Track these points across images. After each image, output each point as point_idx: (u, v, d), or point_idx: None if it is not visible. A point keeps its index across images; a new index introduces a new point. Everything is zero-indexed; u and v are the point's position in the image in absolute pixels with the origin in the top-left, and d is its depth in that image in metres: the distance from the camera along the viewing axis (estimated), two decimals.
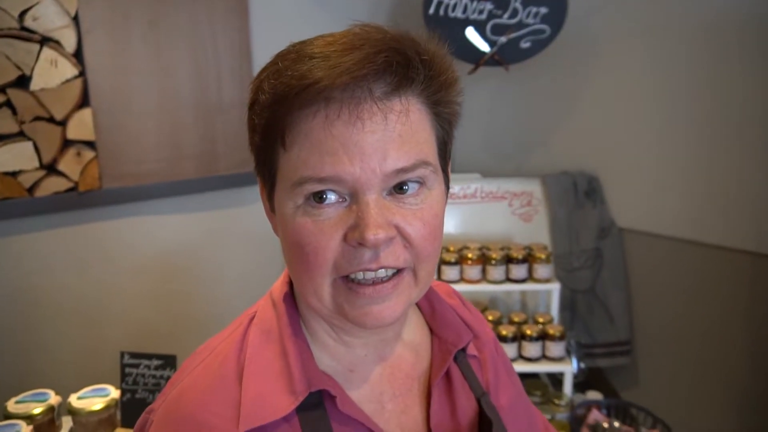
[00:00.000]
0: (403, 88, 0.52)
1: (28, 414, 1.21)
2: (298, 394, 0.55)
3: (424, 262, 0.55)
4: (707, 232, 1.86)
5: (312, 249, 0.52)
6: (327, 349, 0.61)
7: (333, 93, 0.49)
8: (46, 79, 1.49)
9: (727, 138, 1.79)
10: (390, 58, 0.50)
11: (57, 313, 1.60)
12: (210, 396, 0.55)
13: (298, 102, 0.50)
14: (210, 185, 1.83)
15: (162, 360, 1.20)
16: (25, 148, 1.49)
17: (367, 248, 0.51)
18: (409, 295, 0.56)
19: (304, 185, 0.51)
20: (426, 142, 0.54)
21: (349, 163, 0.50)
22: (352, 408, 0.57)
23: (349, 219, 0.51)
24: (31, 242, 1.55)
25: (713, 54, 1.78)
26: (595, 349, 2.08)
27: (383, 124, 0.50)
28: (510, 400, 0.70)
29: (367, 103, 0.50)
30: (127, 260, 1.71)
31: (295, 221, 0.53)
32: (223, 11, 1.77)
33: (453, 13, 1.90)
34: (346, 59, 0.49)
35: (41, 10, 1.47)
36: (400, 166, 0.51)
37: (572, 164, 2.15)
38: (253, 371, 0.57)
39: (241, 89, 1.83)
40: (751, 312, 1.79)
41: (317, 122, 0.50)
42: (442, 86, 0.55)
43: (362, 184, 0.51)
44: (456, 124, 0.59)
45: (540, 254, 1.79)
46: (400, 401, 0.62)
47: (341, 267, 0.53)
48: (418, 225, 0.53)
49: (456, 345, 0.65)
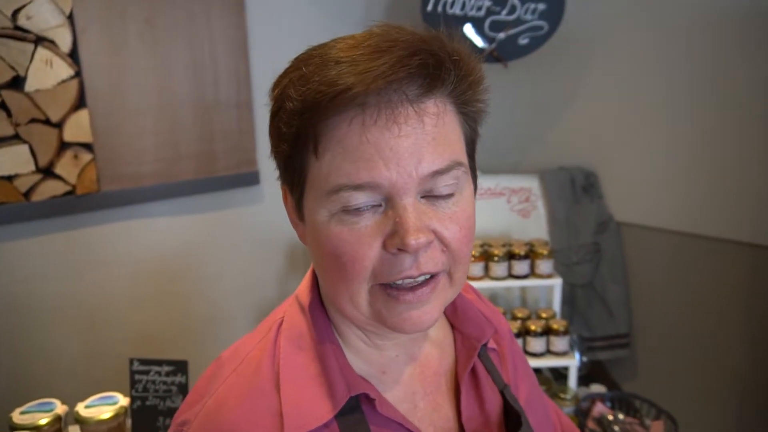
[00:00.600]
0: (435, 89, 0.51)
1: (34, 425, 1.18)
2: (338, 400, 0.55)
3: (460, 264, 0.55)
4: (704, 224, 1.89)
5: (350, 258, 0.51)
6: (359, 353, 0.61)
7: (368, 98, 0.48)
8: (41, 79, 1.45)
9: (723, 131, 1.82)
10: (424, 60, 0.49)
11: (57, 319, 1.56)
12: (249, 406, 0.54)
13: (332, 109, 0.49)
14: (209, 186, 1.80)
15: (173, 366, 1.17)
16: (21, 151, 1.45)
17: (407, 254, 0.51)
18: (445, 297, 0.56)
19: (340, 193, 0.50)
20: (457, 142, 0.54)
21: (385, 168, 0.49)
22: (390, 409, 0.57)
23: (386, 226, 0.51)
24: (29, 248, 1.51)
25: (710, 49, 1.80)
26: (595, 342, 2.10)
27: (419, 127, 0.50)
28: (528, 391, 0.71)
29: (403, 106, 0.49)
30: (127, 263, 1.68)
31: (330, 230, 0.52)
32: (219, 8, 1.74)
33: (451, 9, 1.90)
34: (377, 63, 0.48)
35: (35, 9, 1.42)
36: (436, 168, 0.51)
37: (570, 160, 2.16)
38: (289, 378, 0.56)
39: (239, 88, 1.81)
40: (748, 302, 1.83)
41: (352, 128, 0.49)
42: (471, 85, 0.54)
43: (399, 188, 0.50)
44: (481, 122, 0.59)
45: (542, 250, 1.80)
46: (431, 399, 0.63)
47: (381, 275, 0.52)
48: (455, 228, 0.53)
49: (479, 340, 0.66)
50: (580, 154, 2.16)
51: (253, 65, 1.83)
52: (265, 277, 2.00)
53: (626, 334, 2.09)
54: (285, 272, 2.04)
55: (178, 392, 1.17)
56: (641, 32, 1.94)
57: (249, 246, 1.94)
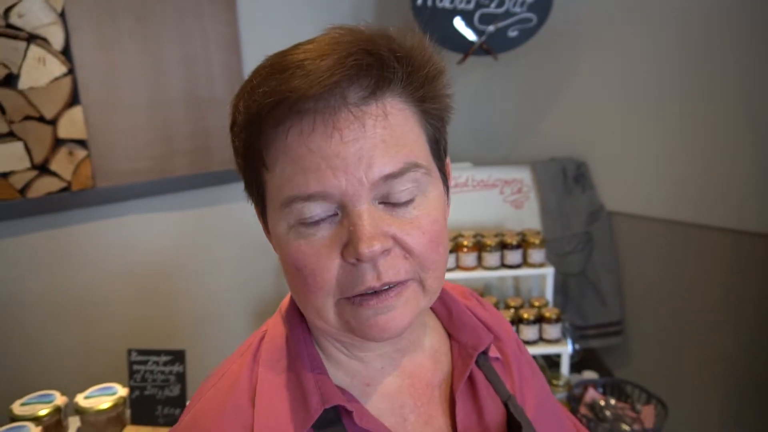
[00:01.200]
0: (380, 90, 0.49)
1: (34, 416, 1.20)
2: (312, 413, 0.53)
3: (430, 271, 0.53)
4: (693, 212, 1.92)
5: (310, 272, 0.50)
6: (340, 365, 0.59)
7: (306, 105, 0.47)
8: (34, 77, 1.47)
9: (710, 121, 1.84)
10: (360, 60, 0.47)
11: (54, 314, 1.58)
12: (224, 421, 0.54)
13: (272, 119, 0.49)
14: (203, 182, 1.82)
15: (171, 355, 1.19)
16: (16, 148, 1.47)
17: (365, 264, 0.49)
18: (417, 305, 0.53)
19: (293, 204, 0.50)
20: (415, 143, 0.51)
21: (333, 177, 0.48)
22: (370, 422, 0.55)
23: (343, 235, 0.49)
24: (26, 244, 1.52)
25: (698, 39, 1.83)
26: (588, 330, 2.13)
27: (362, 131, 0.48)
28: (537, 401, 0.67)
29: (343, 111, 0.48)
30: (123, 259, 1.70)
31: (290, 243, 0.51)
32: (210, 5, 1.76)
33: (441, 3, 1.91)
34: (318, 67, 0.47)
35: (27, 7, 1.44)
36: (387, 171, 0.49)
37: (561, 151, 2.19)
38: (265, 391, 0.55)
39: (231, 83, 1.82)
40: (736, 289, 1.86)
41: (293, 138, 0.48)
42: (425, 81, 0.52)
43: (350, 196, 0.48)
44: (448, 119, 0.57)
45: (533, 239, 1.82)
46: (423, 411, 0.60)
47: (345, 288, 0.51)
48: (417, 233, 0.51)
49: (476, 348, 0.63)
50: (571, 145, 2.18)
51: (245, 61, 1.85)
52: (260, 271, 2.02)
53: (618, 321, 2.12)
54: (279, 267, 2.05)
55: (176, 381, 1.20)
56: (629, 23, 1.96)
57: (244, 241, 1.96)
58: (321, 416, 0.53)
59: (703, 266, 1.92)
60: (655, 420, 1.65)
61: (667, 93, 1.92)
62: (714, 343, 1.92)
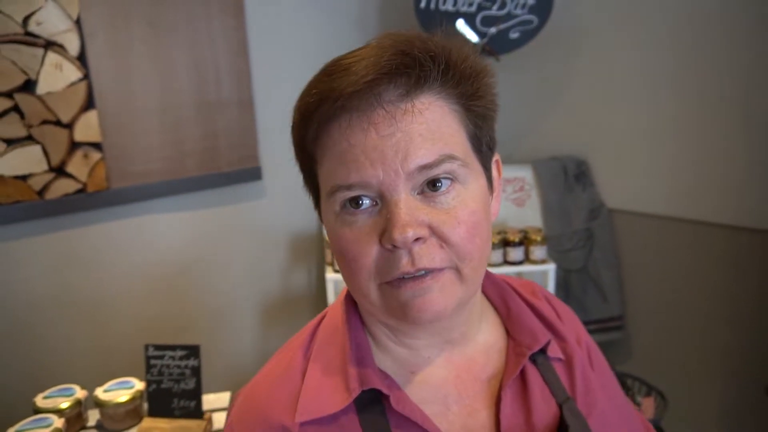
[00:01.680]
0: (415, 88, 0.52)
1: (56, 408, 1.25)
2: (352, 391, 0.57)
3: (467, 260, 0.54)
4: (691, 209, 1.96)
5: (352, 257, 0.54)
6: (388, 351, 0.62)
7: (344, 102, 0.51)
8: (51, 83, 1.52)
9: (705, 119, 1.88)
10: (394, 60, 0.51)
11: (72, 312, 1.64)
12: (276, 387, 0.60)
13: (317, 117, 0.53)
14: (213, 182, 1.87)
15: (186, 350, 1.24)
16: (34, 151, 1.52)
17: (401, 250, 0.52)
18: (455, 292, 0.55)
19: (336, 194, 0.54)
20: (451, 137, 0.54)
21: (371, 168, 0.51)
22: (407, 407, 0.57)
23: (381, 223, 0.53)
24: (44, 244, 1.58)
25: (694, 39, 1.86)
26: (590, 325, 2.17)
27: (397, 126, 0.51)
28: (605, 409, 0.65)
29: (378, 108, 0.51)
30: (137, 258, 1.75)
31: (336, 231, 0.55)
32: (219, 10, 1.80)
33: (444, 5, 1.96)
34: (357, 68, 0.51)
35: (44, 15, 1.49)
36: (422, 162, 0.51)
37: (562, 149, 2.23)
38: (315, 367, 0.60)
39: (240, 86, 1.87)
40: (732, 282, 1.90)
41: (336, 133, 0.53)
42: (461, 79, 0.54)
43: (387, 185, 0.52)
44: (493, 117, 0.59)
45: (535, 237, 1.87)
46: (467, 404, 0.61)
47: (383, 272, 0.54)
48: (453, 223, 0.53)
49: (530, 347, 0.63)
50: (572, 144, 2.22)
51: (253, 64, 1.90)
52: (270, 268, 2.07)
53: (620, 316, 2.16)
54: (288, 264, 2.11)
55: (191, 375, 1.24)
56: (627, 24, 2.00)
57: (253, 239, 2.01)
58: (363, 397, 0.57)
59: (702, 261, 1.96)
60: (655, 411, 1.70)
61: (665, 93, 1.96)
62: (712, 336, 1.97)
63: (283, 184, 2.03)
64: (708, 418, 2.01)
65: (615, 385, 0.72)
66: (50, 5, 1.49)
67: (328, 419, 0.57)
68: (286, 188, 2.03)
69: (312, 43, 2.02)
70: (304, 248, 2.13)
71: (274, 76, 1.95)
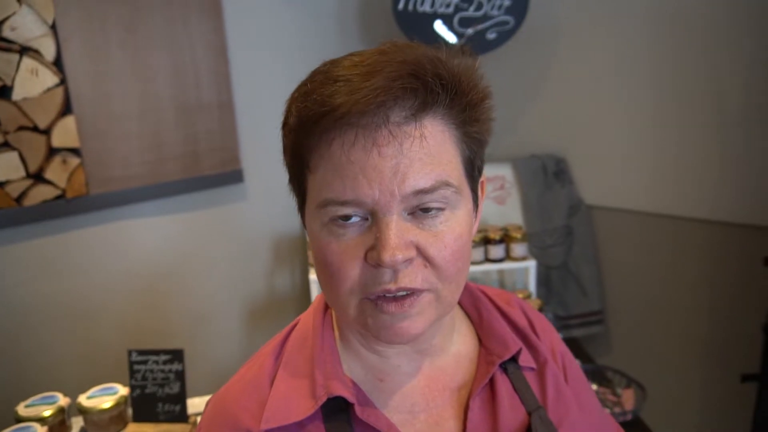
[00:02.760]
0: (422, 112, 0.52)
1: (39, 417, 1.24)
2: (318, 399, 0.57)
3: (447, 282, 0.55)
4: (666, 204, 2.01)
5: (336, 268, 0.54)
6: (359, 357, 0.63)
7: (351, 119, 0.51)
8: (27, 88, 1.50)
9: (682, 116, 1.93)
10: (406, 84, 0.50)
11: (53, 319, 1.62)
12: (244, 393, 0.61)
13: (319, 128, 0.52)
14: (194, 186, 1.87)
15: (170, 355, 1.25)
16: (11, 158, 1.50)
17: (386, 269, 0.52)
18: (431, 314, 0.56)
19: (328, 207, 0.53)
20: (449, 163, 0.54)
21: (368, 187, 0.51)
22: (372, 416, 0.58)
23: (369, 240, 0.53)
24: (23, 251, 1.56)
25: (669, 38, 1.91)
26: (570, 320, 2.21)
27: (399, 148, 0.51)
28: (575, 419, 0.65)
29: (383, 129, 0.51)
30: (118, 263, 1.74)
31: (321, 240, 0.55)
32: (197, 13, 1.80)
33: (421, 7, 1.98)
34: (366, 84, 0.50)
35: (19, 20, 1.47)
36: (420, 187, 0.52)
37: (540, 147, 2.26)
38: (284, 374, 0.61)
39: (219, 89, 1.87)
40: (709, 275, 1.95)
41: (336, 148, 0.52)
42: (467, 106, 0.55)
43: (382, 205, 0.52)
44: (487, 142, 0.60)
45: (516, 234, 1.90)
46: (435, 413, 0.62)
47: (363, 288, 0.54)
48: (439, 246, 0.53)
49: (501, 355, 0.64)
50: (551, 142, 2.26)
51: (233, 67, 1.90)
52: (253, 271, 2.07)
53: (599, 311, 2.20)
54: (271, 267, 2.11)
55: (175, 379, 1.25)
56: (603, 23, 2.04)
57: (235, 242, 2.01)
58: (330, 405, 0.57)
59: (679, 255, 2.01)
60: (635, 402, 1.74)
61: (640, 90, 2.01)
62: (690, 327, 2.02)
63: (265, 187, 2.03)
64: (687, 408, 2.07)
65: (591, 397, 0.72)
66: (25, 10, 1.48)
67: (294, 427, 0.57)
68: (268, 190, 2.03)
69: (291, 45, 2.02)
70: (287, 250, 2.13)
71: (254, 79, 1.95)
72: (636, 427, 1.69)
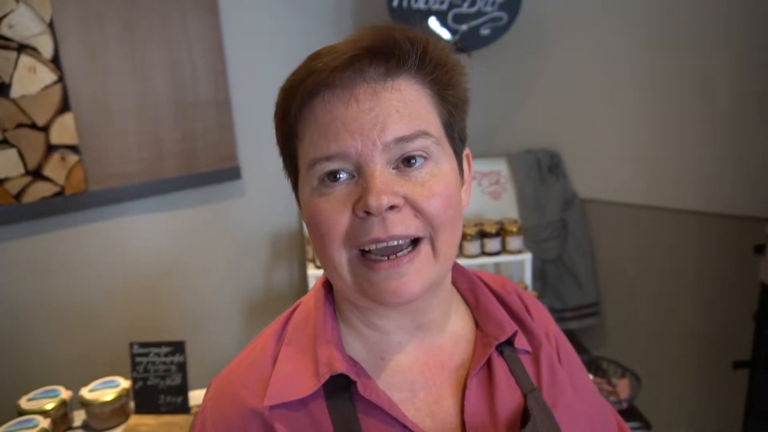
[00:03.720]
0: (395, 69, 0.56)
1: (41, 410, 1.25)
2: (320, 377, 0.58)
3: (440, 232, 0.56)
4: (659, 197, 2.03)
5: (325, 226, 0.55)
6: (360, 336, 0.63)
7: (330, 79, 0.54)
8: (25, 86, 1.51)
9: (673, 110, 1.96)
10: (375, 42, 0.55)
11: (54, 314, 1.63)
12: (248, 373, 0.62)
13: (301, 91, 0.55)
14: (192, 182, 1.88)
15: (171, 347, 1.26)
16: (10, 155, 1.51)
17: (374, 217, 0.53)
18: (429, 272, 0.57)
19: (315, 166, 0.55)
20: (427, 117, 0.57)
21: (350, 138, 0.53)
22: (373, 393, 0.59)
23: (356, 193, 0.54)
24: (22, 248, 1.57)
25: (663, 33, 1.94)
26: (566, 313, 2.23)
27: (377, 101, 0.54)
28: (570, 400, 0.66)
29: (360, 84, 0.54)
30: (117, 259, 1.75)
31: (312, 203, 0.57)
32: (193, 11, 1.81)
33: (416, 4, 2.00)
34: (344, 49, 0.54)
35: (16, 18, 1.48)
36: (399, 135, 0.54)
37: (535, 142, 2.29)
38: (286, 353, 0.62)
39: (216, 86, 1.88)
40: (702, 266, 1.98)
41: (319, 107, 0.55)
42: (437, 65, 0.57)
43: (365, 156, 0.54)
44: (464, 109, 0.62)
45: (511, 227, 1.92)
46: (433, 391, 0.62)
47: (353, 238, 0.55)
48: (427, 194, 0.55)
49: (497, 338, 0.65)
50: (545, 137, 2.28)
51: (229, 64, 1.91)
52: (251, 267, 2.08)
53: (594, 303, 2.23)
54: (270, 262, 2.12)
55: (177, 371, 1.26)
56: (595, 18, 2.07)
57: (233, 238, 2.02)
58: (331, 383, 0.58)
59: (672, 247, 2.04)
60: (630, 391, 1.76)
61: (633, 85, 2.03)
62: (683, 317, 2.05)
63: (262, 183, 2.04)
64: (681, 395, 2.09)
65: (586, 380, 0.73)
66: (22, 8, 1.49)
67: (297, 404, 0.58)
68: (266, 187, 2.05)
69: (287, 42, 2.04)
70: (285, 246, 2.15)
71: (250, 76, 1.96)
72: (632, 415, 1.72)
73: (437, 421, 0.61)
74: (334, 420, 0.58)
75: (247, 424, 0.58)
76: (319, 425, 0.58)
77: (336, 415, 0.58)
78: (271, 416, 0.58)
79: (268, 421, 0.57)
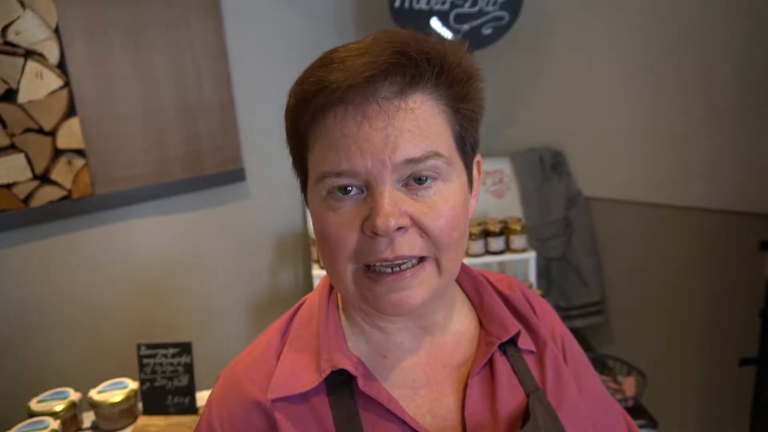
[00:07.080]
0: (409, 87, 0.55)
1: (51, 411, 1.27)
2: (322, 372, 0.60)
3: (445, 251, 0.57)
4: (662, 194, 2.03)
5: (333, 240, 0.56)
6: (363, 334, 0.65)
7: (342, 95, 0.53)
8: (32, 91, 1.53)
9: (676, 107, 1.95)
10: (391, 60, 0.53)
11: (62, 317, 1.65)
12: (253, 367, 0.64)
13: (314, 105, 0.55)
14: (197, 185, 1.89)
15: (178, 348, 1.27)
16: (18, 160, 1.53)
17: (382, 237, 0.54)
18: (431, 285, 0.57)
19: (325, 180, 0.56)
20: (439, 135, 0.56)
21: (361, 157, 0.53)
22: (374, 389, 0.60)
23: (365, 210, 0.55)
24: (30, 252, 1.59)
25: (664, 29, 1.94)
26: (571, 311, 2.23)
27: (389, 121, 0.54)
28: (575, 401, 0.66)
29: (373, 103, 0.54)
30: (124, 262, 1.76)
31: (320, 214, 0.57)
32: (197, 15, 1.83)
33: (417, 4, 2.00)
34: (356, 63, 0.53)
35: (23, 25, 1.50)
36: (410, 156, 0.54)
37: (538, 141, 2.29)
38: (290, 349, 0.64)
39: (220, 89, 1.90)
40: (706, 263, 1.97)
41: (331, 122, 0.55)
42: (454, 82, 0.56)
43: (375, 175, 0.54)
44: (479, 119, 0.61)
45: (515, 226, 1.92)
46: (435, 389, 0.63)
47: (360, 256, 0.56)
48: (433, 216, 0.55)
49: (500, 337, 0.65)
50: (548, 136, 2.28)
51: (233, 67, 1.92)
52: (257, 269, 2.10)
53: (600, 301, 2.23)
54: (275, 264, 2.14)
55: (184, 372, 1.27)
56: (596, 16, 2.07)
57: (239, 240, 2.03)
58: (334, 378, 0.60)
59: (676, 244, 2.04)
60: (636, 389, 1.76)
61: (636, 82, 2.03)
62: (689, 314, 2.04)
63: (267, 185, 2.05)
64: (687, 392, 2.09)
65: (593, 380, 0.72)
66: (28, 14, 1.50)
67: (300, 398, 0.60)
68: (270, 189, 2.06)
69: (290, 44, 2.05)
70: (290, 247, 2.16)
71: (254, 78, 1.98)
72: (638, 412, 1.72)
73: (437, 419, 0.62)
74: (334, 414, 0.59)
75: (251, 416, 0.60)
76: (320, 419, 0.59)
77: (337, 410, 0.59)
78: (274, 409, 0.59)
79: (271, 413, 0.59)
